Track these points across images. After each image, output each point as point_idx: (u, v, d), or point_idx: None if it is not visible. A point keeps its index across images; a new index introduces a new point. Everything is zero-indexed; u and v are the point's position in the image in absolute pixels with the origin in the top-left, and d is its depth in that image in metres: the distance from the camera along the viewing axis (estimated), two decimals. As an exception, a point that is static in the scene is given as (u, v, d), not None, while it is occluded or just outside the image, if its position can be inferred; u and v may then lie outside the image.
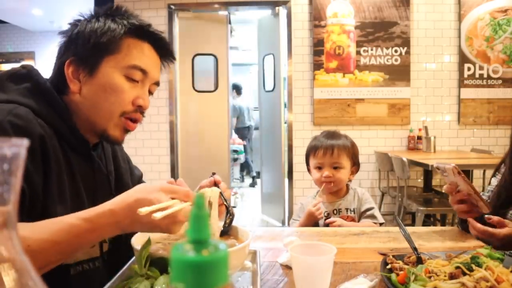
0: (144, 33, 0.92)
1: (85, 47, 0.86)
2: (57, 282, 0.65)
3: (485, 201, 1.14)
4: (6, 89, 0.84)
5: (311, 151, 1.63)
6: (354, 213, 1.56)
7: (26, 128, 0.75)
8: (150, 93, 0.96)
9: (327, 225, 1.49)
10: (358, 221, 1.56)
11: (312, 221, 1.50)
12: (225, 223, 0.89)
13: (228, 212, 0.91)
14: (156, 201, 0.70)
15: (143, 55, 0.91)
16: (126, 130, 0.92)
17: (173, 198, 0.73)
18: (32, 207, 0.74)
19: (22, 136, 0.71)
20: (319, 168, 1.59)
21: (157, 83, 0.96)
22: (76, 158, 0.88)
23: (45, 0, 5.25)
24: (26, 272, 0.27)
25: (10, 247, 0.26)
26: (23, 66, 0.89)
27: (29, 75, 0.88)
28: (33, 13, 5.71)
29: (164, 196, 0.72)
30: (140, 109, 0.91)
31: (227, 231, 0.89)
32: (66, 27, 0.93)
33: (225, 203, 0.92)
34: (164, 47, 0.96)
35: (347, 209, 1.56)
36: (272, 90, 4.26)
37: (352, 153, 1.59)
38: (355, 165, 1.61)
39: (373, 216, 1.53)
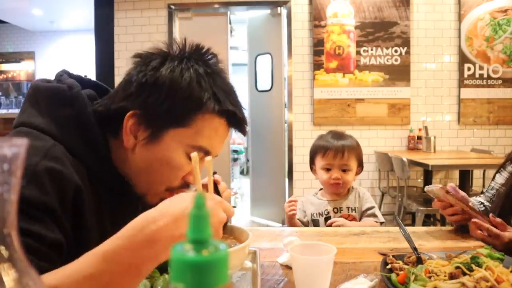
0: (227, 111, 0.78)
1: (157, 107, 0.74)
2: None
3: (479, 212, 1.14)
4: (43, 110, 0.75)
5: (319, 151, 1.58)
6: (355, 212, 1.55)
7: (62, 175, 0.67)
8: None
9: (329, 225, 1.49)
10: (359, 220, 1.56)
11: (288, 219, 1.52)
12: None
13: None
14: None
15: (215, 135, 0.79)
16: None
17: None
18: (70, 256, 0.63)
19: (58, 186, 0.65)
20: (328, 169, 1.56)
21: (216, 156, 0.84)
22: (107, 195, 0.79)
23: (45, 0, 5.26)
24: (26, 272, 0.27)
25: (10, 247, 0.26)
26: (70, 86, 0.78)
27: (73, 101, 0.76)
28: (33, 13, 5.71)
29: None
30: (187, 185, 0.82)
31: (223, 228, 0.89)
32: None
33: None
34: (241, 128, 0.84)
35: (348, 207, 1.56)
36: (269, 89, 4.25)
37: (358, 154, 1.59)
38: (360, 166, 1.61)
39: (374, 215, 1.53)
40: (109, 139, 0.80)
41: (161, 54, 0.79)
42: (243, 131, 0.85)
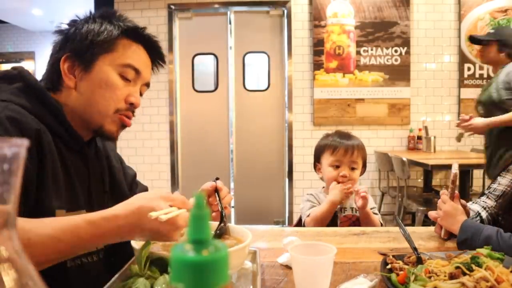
0: (138, 35, 0.96)
1: (82, 44, 0.90)
2: (54, 275, 0.65)
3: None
4: None
5: (327, 148, 1.57)
6: (358, 212, 1.55)
7: (22, 122, 0.78)
8: (140, 94, 0.99)
9: (331, 223, 1.49)
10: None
11: (336, 206, 1.48)
12: (216, 229, 0.90)
13: (221, 221, 0.93)
14: (157, 207, 0.72)
15: (137, 55, 0.95)
16: (123, 126, 0.96)
17: (171, 206, 0.75)
18: (26, 197, 0.76)
19: (19, 129, 0.74)
20: (337, 166, 1.55)
21: (147, 85, 1.00)
22: (70, 154, 0.89)
23: (45, 0, 5.26)
24: (26, 272, 0.27)
25: (10, 247, 0.26)
26: (13, 68, 0.91)
27: (20, 75, 0.89)
28: (33, 13, 5.71)
29: (164, 203, 0.74)
30: (132, 107, 0.95)
31: (218, 237, 0.91)
32: (66, 27, 0.95)
33: (220, 210, 0.95)
34: (156, 50, 1.01)
35: (352, 208, 1.55)
36: (266, 89, 4.23)
37: (364, 154, 1.60)
38: (363, 167, 1.61)
39: (374, 214, 1.53)
40: (57, 98, 0.91)
41: (72, 20, 0.96)
42: (160, 54, 1.02)
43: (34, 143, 0.78)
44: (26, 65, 6.78)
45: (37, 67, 6.79)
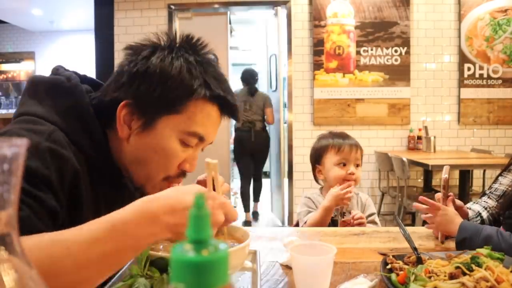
0: (218, 97, 0.80)
1: (149, 96, 0.75)
2: None
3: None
4: (43, 101, 0.76)
5: (330, 148, 1.55)
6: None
7: (64, 158, 0.69)
8: (201, 150, 0.86)
9: (332, 224, 1.48)
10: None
11: (331, 211, 1.43)
12: None
13: None
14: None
15: (208, 120, 0.80)
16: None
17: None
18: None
19: (58, 165, 0.67)
20: (343, 164, 1.52)
21: (210, 143, 0.86)
22: (104, 186, 0.81)
23: (45, 0, 5.26)
24: (26, 272, 0.27)
25: (10, 247, 0.26)
26: (68, 78, 0.79)
27: (71, 91, 0.78)
28: (33, 13, 5.71)
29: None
30: (184, 174, 0.83)
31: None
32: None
33: None
34: (233, 113, 0.85)
35: (350, 212, 1.54)
36: (275, 90, 4.26)
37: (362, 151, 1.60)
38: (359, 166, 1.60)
39: (374, 222, 1.51)
40: (105, 130, 0.81)
41: (152, 45, 0.80)
42: (235, 117, 0.87)
43: (71, 185, 0.70)
44: (26, 65, 6.79)
45: (37, 67, 6.79)
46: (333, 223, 1.51)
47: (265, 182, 4.65)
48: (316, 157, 1.61)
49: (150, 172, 0.80)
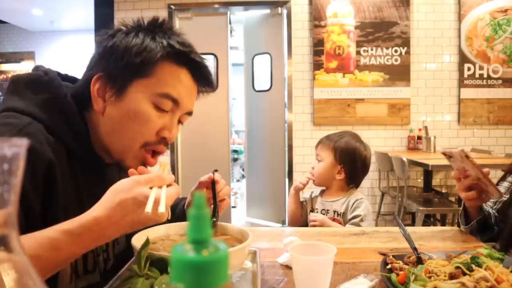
0: (184, 58, 0.82)
1: (117, 64, 0.78)
2: (55, 275, 0.62)
3: (495, 185, 1.07)
4: (23, 95, 0.78)
5: None
6: (342, 217, 1.55)
7: (34, 151, 0.69)
8: (180, 122, 0.88)
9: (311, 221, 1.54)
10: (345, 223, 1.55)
11: (296, 199, 1.65)
12: None
13: (213, 216, 0.89)
14: (140, 196, 0.64)
15: (178, 83, 0.82)
16: (144, 164, 0.84)
17: (150, 188, 0.68)
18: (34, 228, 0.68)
19: (29, 159, 0.67)
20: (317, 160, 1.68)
21: (189, 113, 0.88)
22: (86, 179, 0.82)
23: (45, 0, 5.26)
24: (26, 272, 0.27)
25: (10, 247, 0.26)
26: (45, 72, 0.82)
27: (50, 84, 0.80)
28: (33, 13, 5.71)
29: (145, 188, 0.66)
30: (164, 141, 0.84)
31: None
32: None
33: (214, 204, 0.91)
34: (204, 76, 0.87)
35: (335, 211, 1.56)
36: (268, 89, 4.25)
37: (338, 150, 1.58)
38: (342, 165, 1.58)
39: (357, 224, 1.49)
40: (85, 116, 0.83)
41: (115, 29, 0.84)
42: (209, 82, 0.88)
43: (44, 178, 0.70)
44: (26, 65, 6.79)
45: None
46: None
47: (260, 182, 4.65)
48: None
49: (127, 142, 0.81)
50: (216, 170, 0.99)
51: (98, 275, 0.84)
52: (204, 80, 0.87)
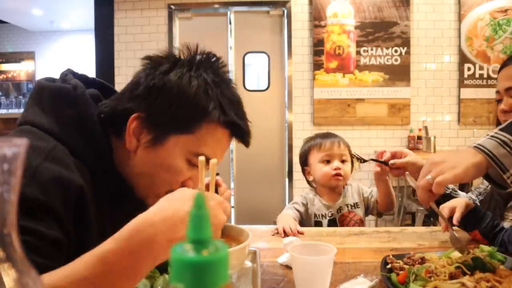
0: (232, 125, 0.79)
1: (162, 111, 0.75)
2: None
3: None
4: (48, 110, 0.75)
5: (313, 147, 1.57)
6: (356, 207, 1.53)
7: (66, 179, 0.66)
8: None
9: (332, 226, 1.48)
10: (366, 208, 1.54)
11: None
12: None
13: None
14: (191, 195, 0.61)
15: (217, 145, 0.79)
16: None
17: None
18: (72, 254, 0.64)
19: (62, 190, 0.65)
20: (327, 161, 1.52)
21: None
22: (108, 199, 0.79)
23: (45, 0, 5.26)
24: (26, 272, 0.27)
25: (10, 247, 0.26)
26: (74, 87, 0.77)
27: (75, 99, 0.76)
28: (33, 13, 5.71)
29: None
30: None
31: None
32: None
33: None
34: (244, 139, 0.84)
35: (347, 205, 1.54)
36: (266, 89, 4.23)
37: (350, 150, 1.59)
38: (352, 165, 1.60)
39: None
40: (112, 140, 0.80)
41: (171, 59, 0.79)
42: (246, 143, 0.86)
43: (76, 203, 0.68)
44: (26, 65, 6.79)
45: (37, 67, 6.79)
46: (333, 221, 1.51)
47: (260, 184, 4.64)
48: (303, 159, 1.62)
49: (153, 187, 0.79)
50: (217, 174, 1.00)
51: None
52: (242, 141, 0.85)
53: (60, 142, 0.72)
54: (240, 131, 0.82)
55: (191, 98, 0.75)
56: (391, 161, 1.20)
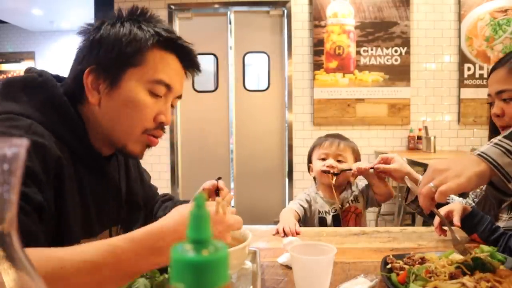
0: (172, 45, 0.86)
1: (108, 56, 0.80)
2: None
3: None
4: (19, 99, 0.79)
5: (316, 145, 1.66)
6: (356, 201, 1.56)
7: (46, 148, 0.71)
8: (172, 106, 0.91)
9: (336, 221, 1.49)
10: (366, 200, 1.56)
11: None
12: None
13: None
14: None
15: (169, 68, 0.85)
16: (148, 146, 0.88)
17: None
18: (49, 224, 0.70)
19: (42, 156, 0.69)
20: (323, 159, 1.59)
21: (179, 97, 0.91)
22: (88, 175, 0.83)
23: (45, 0, 5.26)
24: (26, 272, 0.27)
25: (10, 247, 0.26)
26: (39, 74, 0.84)
27: (44, 85, 0.81)
28: (33, 13, 5.71)
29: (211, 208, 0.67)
30: (161, 126, 0.87)
31: None
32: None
33: None
34: (191, 60, 0.90)
35: (348, 200, 1.57)
36: (266, 89, 4.23)
37: (355, 152, 1.62)
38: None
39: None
40: (81, 111, 0.84)
41: (99, 22, 0.86)
42: (195, 64, 0.92)
43: (55, 172, 0.72)
44: (26, 65, 6.78)
45: (37, 67, 6.78)
46: (337, 217, 1.53)
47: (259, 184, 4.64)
48: (309, 156, 1.74)
49: (126, 128, 0.83)
50: (219, 178, 1.02)
51: None
52: (191, 63, 0.91)
53: (36, 122, 0.75)
54: (183, 51, 0.88)
55: (127, 35, 0.81)
56: (376, 165, 1.39)
